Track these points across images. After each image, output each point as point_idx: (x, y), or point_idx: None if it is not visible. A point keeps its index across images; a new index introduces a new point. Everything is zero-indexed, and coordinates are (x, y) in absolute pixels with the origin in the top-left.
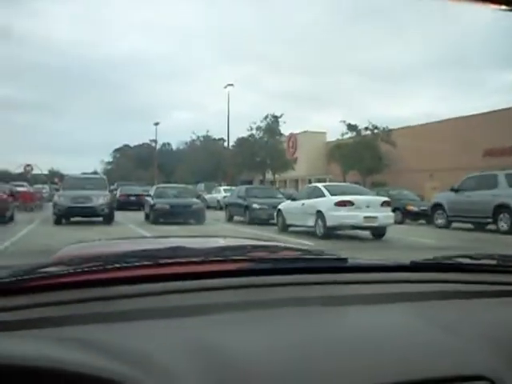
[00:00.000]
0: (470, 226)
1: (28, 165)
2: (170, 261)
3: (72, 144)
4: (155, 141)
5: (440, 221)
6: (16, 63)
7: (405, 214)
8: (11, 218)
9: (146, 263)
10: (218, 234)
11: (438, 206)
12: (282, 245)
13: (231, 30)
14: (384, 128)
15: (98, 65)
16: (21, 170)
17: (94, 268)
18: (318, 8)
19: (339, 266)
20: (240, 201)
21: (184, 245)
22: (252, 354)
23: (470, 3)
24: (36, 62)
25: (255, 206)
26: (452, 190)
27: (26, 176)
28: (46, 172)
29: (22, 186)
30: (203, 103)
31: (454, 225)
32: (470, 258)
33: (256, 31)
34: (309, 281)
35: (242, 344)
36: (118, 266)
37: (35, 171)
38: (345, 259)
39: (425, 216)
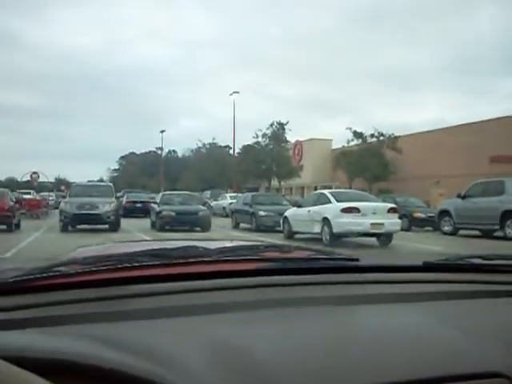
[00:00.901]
0: (477, 232)
1: (34, 172)
2: (184, 260)
3: (78, 152)
4: (161, 148)
5: (447, 228)
6: (25, 71)
7: (411, 221)
8: (18, 226)
9: (160, 262)
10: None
11: (444, 213)
12: (294, 245)
13: (240, 36)
14: (390, 135)
15: (103, 72)
16: (27, 177)
17: (108, 267)
18: (329, 15)
19: (352, 266)
20: (246, 208)
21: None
22: (268, 352)
23: None
24: (43, 70)
25: (261, 213)
26: (459, 196)
27: (33, 184)
28: (52, 180)
29: (29, 193)
30: (211, 110)
31: (461, 232)
32: (482, 258)
33: (265, 38)
34: (321, 280)
35: (258, 342)
36: (132, 265)
37: (41, 179)
38: (357, 259)
39: (432, 223)
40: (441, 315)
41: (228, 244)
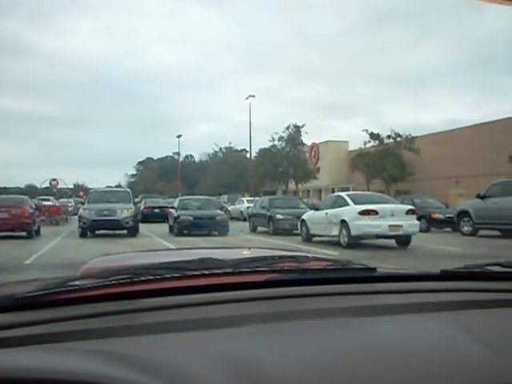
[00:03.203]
0: (497, 233)
1: (54, 179)
2: (198, 272)
3: (96, 158)
4: (178, 153)
5: (466, 228)
6: (42, 79)
7: (430, 222)
8: (38, 232)
9: (174, 275)
10: (242, 244)
11: (463, 214)
12: (310, 255)
13: (253, 40)
14: (407, 136)
15: (120, 78)
16: (47, 184)
17: (122, 281)
18: (340, 16)
19: (368, 276)
20: (263, 211)
21: (211, 256)
22: (282, 365)
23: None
24: (60, 78)
25: (279, 216)
26: (478, 196)
27: (52, 190)
28: (71, 186)
29: (48, 200)
30: (226, 115)
31: (481, 232)
32: (501, 265)
33: (278, 41)
34: (338, 291)
35: (272, 355)
36: (146, 278)
37: (60, 185)
38: (374, 269)
39: (451, 223)
40: (459, 325)
41: (245, 252)
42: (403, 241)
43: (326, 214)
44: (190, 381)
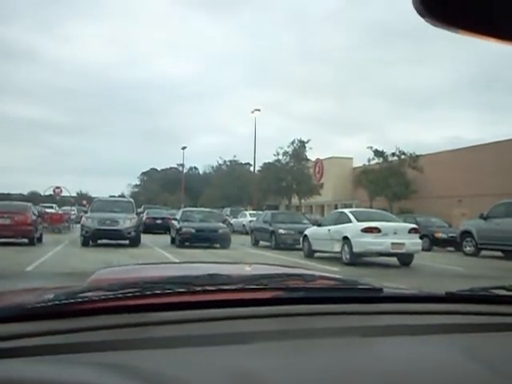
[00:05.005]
0: (499, 253)
1: (57, 187)
2: (206, 288)
3: (100, 167)
4: (182, 165)
5: (469, 248)
6: (46, 87)
7: (433, 241)
8: (40, 239)
9: (183, 290)
10: (244, 258)
11: (466, 234)
12: (317, 273)
13: (259, 54)
14: (411, 154)
15: (126, 88)
16: (50, 191)
17: (132, 294)
18: (346, 32)
19: (374, 296)
20: (266, 226)
21: (218, 272)
22: (288, 383)
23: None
24: (65, 86)
25: (281, 231)
26: (481, 217)
27: (55, 198)
28: (74, 194)
29: (51, 207)
30: (230, 127)
31: (484, 253)
32: (506, 289)
33: (283, 55)
34: (344, 311)
35: (279, 373)
36: (155, 292)
37: (64, 193)
38: (380, 289)
39: (453, 243)
40: (464, 348)
41: (252, 268)
42: (405, 259)
43: (329, 230)
44: None
